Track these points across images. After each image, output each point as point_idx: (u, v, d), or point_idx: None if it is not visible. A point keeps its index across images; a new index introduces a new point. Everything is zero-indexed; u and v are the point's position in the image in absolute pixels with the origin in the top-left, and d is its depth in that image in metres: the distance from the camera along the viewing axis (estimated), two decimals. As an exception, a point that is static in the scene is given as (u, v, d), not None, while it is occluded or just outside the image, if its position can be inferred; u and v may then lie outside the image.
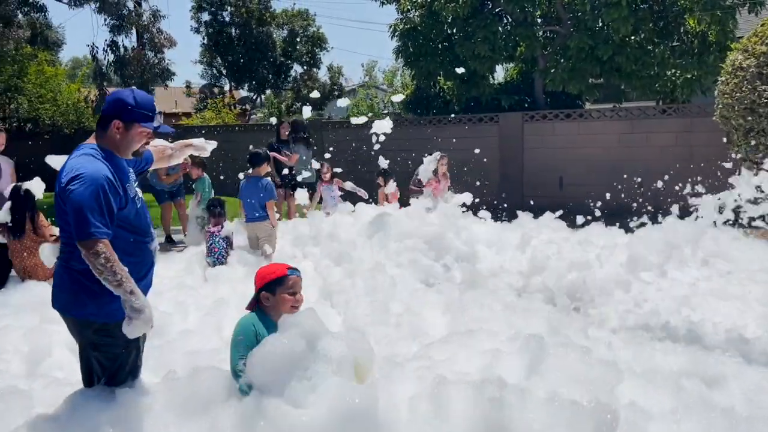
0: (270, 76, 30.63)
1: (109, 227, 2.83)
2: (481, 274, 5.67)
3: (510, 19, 13.80)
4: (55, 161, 3.26)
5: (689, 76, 11.92)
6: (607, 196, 11.05)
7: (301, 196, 8.39)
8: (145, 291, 3.02)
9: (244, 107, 32.32)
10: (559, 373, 3.26)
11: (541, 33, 13.76)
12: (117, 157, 3.06)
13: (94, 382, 3.08)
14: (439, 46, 14.14)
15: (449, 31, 13.77)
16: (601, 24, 12.18)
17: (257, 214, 6.88)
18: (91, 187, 2.79)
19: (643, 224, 7.36)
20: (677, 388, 3.41)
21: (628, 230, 7.73)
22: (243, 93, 35.25)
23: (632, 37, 12.36)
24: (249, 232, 7.07)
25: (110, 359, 3.04)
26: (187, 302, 5.01)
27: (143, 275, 3.08)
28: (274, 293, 3.29)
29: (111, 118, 3.02)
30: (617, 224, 7.77)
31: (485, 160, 12.33)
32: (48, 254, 3.19)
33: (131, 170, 3.20)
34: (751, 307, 4.76)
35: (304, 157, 9.67)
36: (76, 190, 2.78)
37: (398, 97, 9.02)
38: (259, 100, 35.08)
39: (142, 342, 3.19)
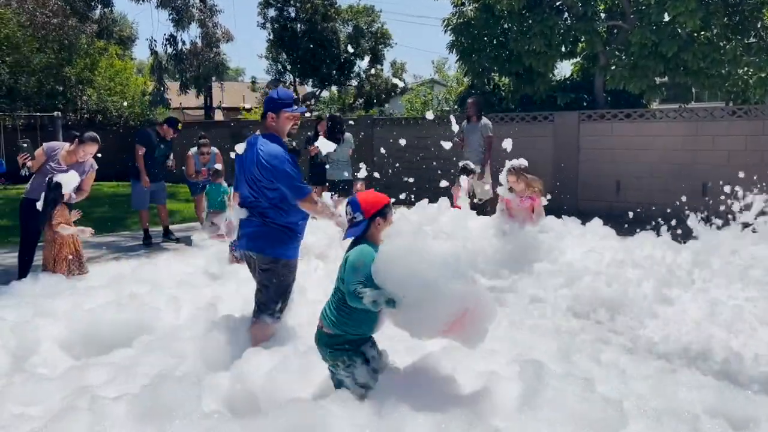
0: (334, 72, 30.73)
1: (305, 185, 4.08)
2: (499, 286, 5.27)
3: (570, 14, 13.13)
4: (239, 148, 4.35)
5: (763, 75, 10.96)
6: (667, 202, 10.37)
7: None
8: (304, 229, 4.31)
9: (308, 103, 32.57)
10: (555, 409, 2.88)
11: (603, 28, 13.02)
12: (281, 140, 4.24)
13: (272, 307, 4.17)
14: (494, 41, 13.62)
15: (504, 26, 13.23)
16: (666, 18, 11.37)
17: None
18: (286, 163, 4.05)
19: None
20: (694, 430, 2.95)
21: (682, 241, 7.12)
22: (308, 89, 35.55)
23: (701, 33, 11.49)
24: None
25: (284, 287, 4.19)
26: (183, 298, 4.87)
27: (305, 218, 4.29)
28: (386, 218, 3.38)
29: (266, 112, 4.25)
30: (672, 234, 7.14)
31: (538, 160, 11.77)
32: (237, 214, 4.30)
33: None
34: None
35: (338, 157, 9.44)
36: (280, 167, 4.01)
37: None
38: (326, 94, 35.31)
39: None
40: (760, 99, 11.48)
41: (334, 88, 34.32)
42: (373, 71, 31.13)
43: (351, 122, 13.73)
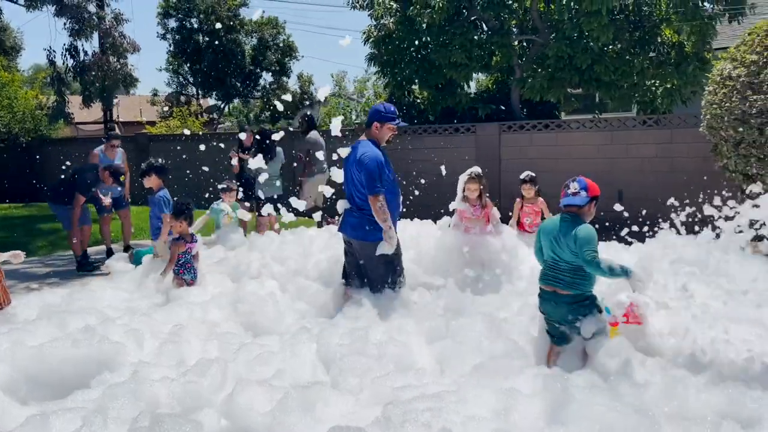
0: (238, 84, 29.97)
1: (383, 187, 4.93)
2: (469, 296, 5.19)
3: (486, 28, 13.48)
4: (343, 152, 5.25)
5: (669, 86, 11.70)
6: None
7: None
8: (395, 220, 5.15)
9: (211, 116, 31.54)
10: (585, 422, 2.81)
11: (516, 42, 13.46)
12: (379, 145, 5.15)
13: (380, 286, 5.02)
14: (414, 53, 13.74)
15: (424, 39, 13.37)
16: (579, 33, 11.91)
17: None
18: (374, 163, 4.91)
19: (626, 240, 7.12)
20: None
21: (612, 244, 7.43)
22: (211, 102, 34.45)
23: (611, 47, 12.13)
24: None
25: (386, 265, 5.06)
26: (141, 330, 4.43)
27: (395, 213, 5.16)
28: (595, 205, 4.11)
29: (372, 122, 5.18)
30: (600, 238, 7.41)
31: (463, 171, 11.92)
32: (341, 206, 5.23)
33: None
34: None
35: (269, 172, 9.08)
36: (368, 165, 4.88)
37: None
38: (227, 108, 34.34)
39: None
40: (667, 108, 12.23)
41: (236, 101, 33.51)
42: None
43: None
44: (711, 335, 4.36)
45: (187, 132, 11.92)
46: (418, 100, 15.06)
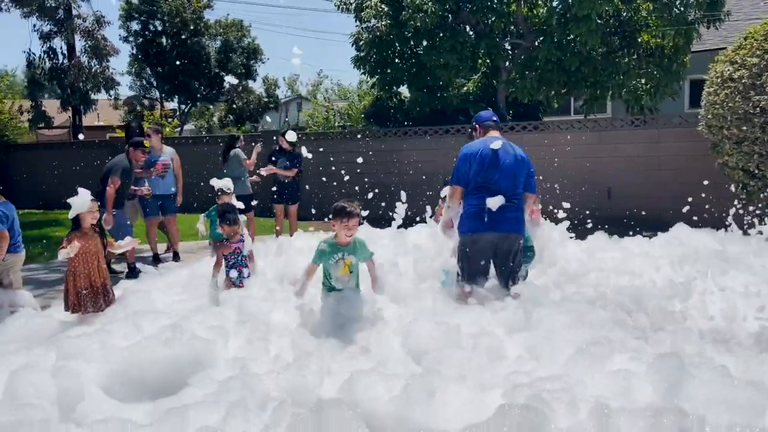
0: (203, 87, 29.55)
1: None
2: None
3: (473, 31, 13.78)
4: (496, 144, 5.09)
5: (654, 83, 12.25)
6: (577, 205, 11.20)
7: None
8: None
9: (170, 120, 30.98)
10: (704, 398, 3.01)
11: (505, 46, 13.83)
12: None
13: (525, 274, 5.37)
14: (404, 56, 13.94)
15: (413, 42, 13.59)
16: (569, 37, 12.32)
17: None
18: None
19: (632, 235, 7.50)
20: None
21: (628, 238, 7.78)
22: (172, 105, 33.81)
23: (598, 49, 12.59)
24: None
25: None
26: (223, 327, 4.44)
27: None
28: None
29: (500, 125, 5.66)
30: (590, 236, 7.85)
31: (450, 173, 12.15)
32: (495, 203, 4.97)
33: None
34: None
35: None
36: (532, 166, 5.31)
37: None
38: (190, 112, 33.77)
39: None
40: (655, 105, 12.77)
41: (200, 104, 32.98)
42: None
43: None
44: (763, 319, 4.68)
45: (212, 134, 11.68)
46: (405, 102, 15.24)
